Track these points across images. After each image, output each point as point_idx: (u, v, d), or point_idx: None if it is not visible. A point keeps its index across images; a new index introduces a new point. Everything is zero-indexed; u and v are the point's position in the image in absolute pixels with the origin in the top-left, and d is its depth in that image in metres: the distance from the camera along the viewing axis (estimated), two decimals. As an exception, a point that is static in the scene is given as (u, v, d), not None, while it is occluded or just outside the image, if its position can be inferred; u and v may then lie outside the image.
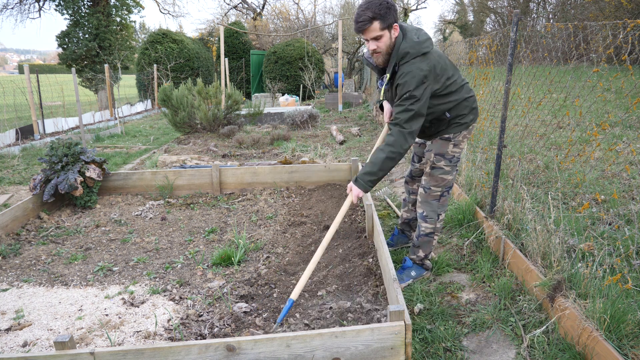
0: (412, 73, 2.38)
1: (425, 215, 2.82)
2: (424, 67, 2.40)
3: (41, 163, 5.01)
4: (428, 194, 2.79)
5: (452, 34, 34.36)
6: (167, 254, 3.36)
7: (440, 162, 2.73)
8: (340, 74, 12.90)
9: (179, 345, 1.82)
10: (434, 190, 2.77)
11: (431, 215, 2.81)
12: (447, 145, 2.71)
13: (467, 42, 5.53)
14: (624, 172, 4.30)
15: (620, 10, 15.93)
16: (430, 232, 2.84)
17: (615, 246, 2.77)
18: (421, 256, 2.91)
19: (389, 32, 2.40)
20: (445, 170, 2.74)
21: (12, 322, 2.51)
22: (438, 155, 2.73)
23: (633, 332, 2.05)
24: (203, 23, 50.21)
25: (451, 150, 2.71)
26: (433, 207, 2.80)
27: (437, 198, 2.78)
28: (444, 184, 2.76)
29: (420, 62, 2.41)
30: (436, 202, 2.79)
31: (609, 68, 3.66)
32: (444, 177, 2.75)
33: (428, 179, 2.79)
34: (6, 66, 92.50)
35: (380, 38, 2.39)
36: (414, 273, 2.91)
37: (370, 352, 1.89)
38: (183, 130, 8.90)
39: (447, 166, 2.73)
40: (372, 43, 2.42)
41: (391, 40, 2.43)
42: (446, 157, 2.72)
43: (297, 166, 4.86)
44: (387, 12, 2.34)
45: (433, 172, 2.76)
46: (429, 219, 2.81)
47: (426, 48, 2.43)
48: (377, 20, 2.33)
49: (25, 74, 8.85)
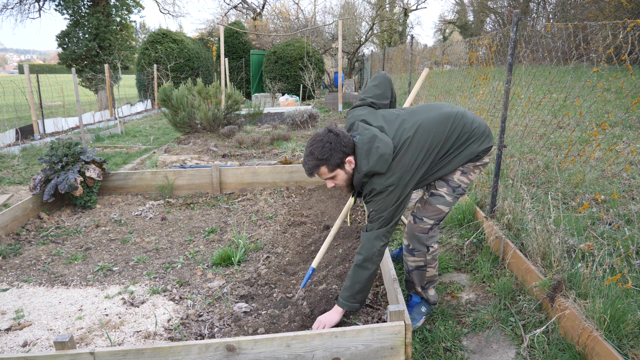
0: (379, 195, 2.17)
1: (412, 249, 2.44)
2: (387, 182, 2.15)
3: (41, 163, 5.00)
4: (417, 224, 2.39)
5: (452, 34, 34.37)
6: (167, 254, 3.36)
7: (442, 189, 2.34)
8: (340, 74, 12.90)
9: (179, 345, 1.82)
10: (424, 222, 2.37)
11: (419, 248, 2.41)
12: (454, 171, 2.34)
13: (467, 42, 5.53)
14: (624, 172, 4.30)
15: (620, 10, 15.92)
16: (421, 266, 2.46)
17: (615, 246, 2.77)
18: (419, 290, 2.54)
19: (341, 169, 2.20)
20: (446, 200, 2.34)
21: (12, 322, 2.51)
22: (441, 180, 2.35)
23: (633, 332, 2.05)
24: (203, 23, 50.21)
25: (457, 178, 2.33)
26: (421, 240, 2.40)
27: (425, 231, 2.38)
28: (438, 217, 2.37)
29: (380, 179, 2.16)
30: (425, 235, 2.39)
31: (609, 68, 3.66)
32: (441, 207, 2.35)
33: (422, 207, 2.40)
34: (6, 66, 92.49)
35: (335, 177, 2.22)
36: (424, 309, 2.54)
37: (370, 352, 1.89)
38: (183, 130, 8.90)
39: (449, 195, 2.34)
40: (329, 182, 2.27)
41: (348, 174, 2.23)
42: (450, 185, 2.33)
43: (297, 166, 4.86)
44: (331, 154, 2.14)
45: (431, 199, 2.36)
46: (417, 252, 2.42)
47: (380, 166, 2.14)
48: (323, 165, 2.17)
49: (25, 74, 8.85)
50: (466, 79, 5.15)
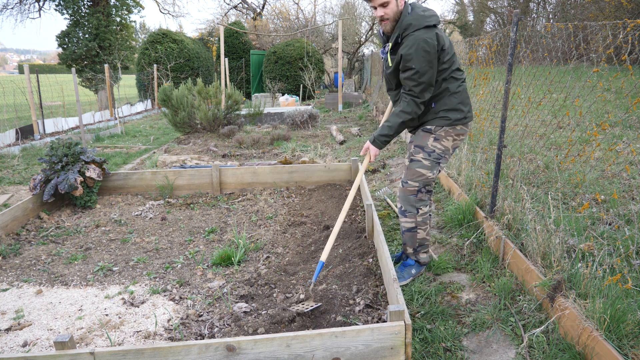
0: (417, 45, 2.44)
1: (403, 210, 2.80)
2: (428, 37, 2.44)
3: (41, 163, 5.01)
4: (405, 188, 2.76)
5: (452, 34, 34.36)
6: (167, 254, 3.36)
7: (419, 155, 2.69)
8: (340, 74, 12.90)
9: (179, 345, 1.82)
10: (410, 185, 2.73)
11: (410, 209, 2.77)
12: (427, 137, 2.68)
13: (467, 42, 5.53)
14: (624, 172, 4.30)
15: (620, 10, 15.92)
16: (412, 227, 2.81)
17: (615, 246, 2.77)
18: (410, 251, 2.90)
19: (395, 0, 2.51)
20: (423, 164, 2.68)
21: (12, 322, 2.51)
22: (417, 147, 2.70)
23: (633, 332, 2.05)
24: (203, 23, 50.24)
25: (431, 144, 2.67)
26: (410, 201, 2.75)
27: (414, 193, 2.73)
28: (421, 180, 2.71)
29: (424, 33, 2.45)
30: (413, 197, 2.74)
31: (609, 68, 3.66)
32: (421, 171, 2.69)
33: (406, 172, 2.76)
34: (6, 66, 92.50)
35: (387, 5, 2.50)
36: (414, 271, 2.91)
37: (370, 352, 1.89)
38: (183, 130, 8.90)
39: (426, 160, 2.68)
40: (380, 10, 2.52)
41: (398, 8, 2.52)
42: (425, 150, 2.68)
43: (297, 166, 4.86)
44: None
45: (411, 164, 2.73)
46: (408, 214, 2.78)
47: (430, 21, 2.49)
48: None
49: (25, 74, 8.85)
50: (466, 79, 5.14)
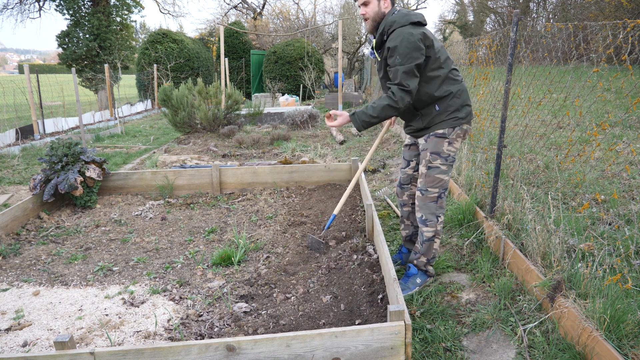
0: (402, 37, 2.47)
1: (424, 220, 2.75)
2: (414, 32, 2.47)
3: (41, 163, 5.01)
4: (425, 196, 2.72)
5: (452, 34, 34.34)
6: (167, 254, 3.36)
7: (437, 161, 2.67)
8: (340, 74, 12.89)
9: (179, 345, 1.82)
10: (430, 192, 2.70)
11: (430, 218, 2.73)
12: (442, 142, 2.67)
13: (467, 42, 5.53)
14: (624, 172, 4.30)
15: (620, 10, 15.92)
16: (432, 236, 2.77)
17: (615, 246, 2.77)
18: (424, 261, 2.83)
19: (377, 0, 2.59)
20: (442, 170, 2.68)
21: (12, 322, 2.51)
22: (434, 154, 2.68)
23: (633, 332, 2.05)
24: (203, 23, 50.28)
25: (446, 149, 2.67)
26: (431, 209, 2.73)
27: (434, 200, 2.71)
28: (440, 185, 2.70)
29: (409, 28, 2.49)
30: (434, 204, 2.72)
31: (609, 68, 3.66)
32: (440, 177, 2.69)
33: (424, 180, 2.72)
34: (6, 66, 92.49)
35: (367, 4, 2.60)
36: (419, 280, 2.82)
37: (370, 352, 1.89)
38: (183, 130, 8.90)
39: (444, 165, 2.68)
40: (362, 8, 2.64)
41: (379, 9, 2.60)
42: (442, 156, 2.67)
43: (297, 166, 4.86)
44: None
45: (429, 172, 2.69)
46: (429, 222, 2.73)
47: (415, 18, 2.53)
48: None
49: (25, 74, 8.85)
50: (466, 79, 5.14)
